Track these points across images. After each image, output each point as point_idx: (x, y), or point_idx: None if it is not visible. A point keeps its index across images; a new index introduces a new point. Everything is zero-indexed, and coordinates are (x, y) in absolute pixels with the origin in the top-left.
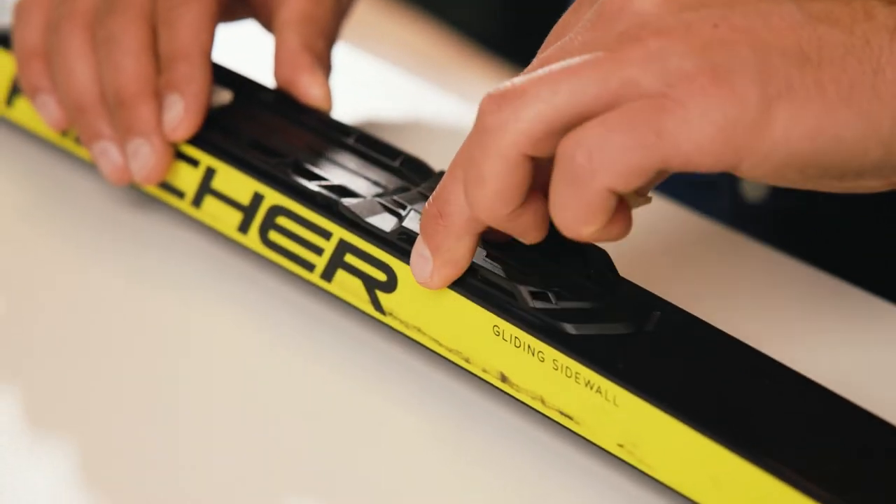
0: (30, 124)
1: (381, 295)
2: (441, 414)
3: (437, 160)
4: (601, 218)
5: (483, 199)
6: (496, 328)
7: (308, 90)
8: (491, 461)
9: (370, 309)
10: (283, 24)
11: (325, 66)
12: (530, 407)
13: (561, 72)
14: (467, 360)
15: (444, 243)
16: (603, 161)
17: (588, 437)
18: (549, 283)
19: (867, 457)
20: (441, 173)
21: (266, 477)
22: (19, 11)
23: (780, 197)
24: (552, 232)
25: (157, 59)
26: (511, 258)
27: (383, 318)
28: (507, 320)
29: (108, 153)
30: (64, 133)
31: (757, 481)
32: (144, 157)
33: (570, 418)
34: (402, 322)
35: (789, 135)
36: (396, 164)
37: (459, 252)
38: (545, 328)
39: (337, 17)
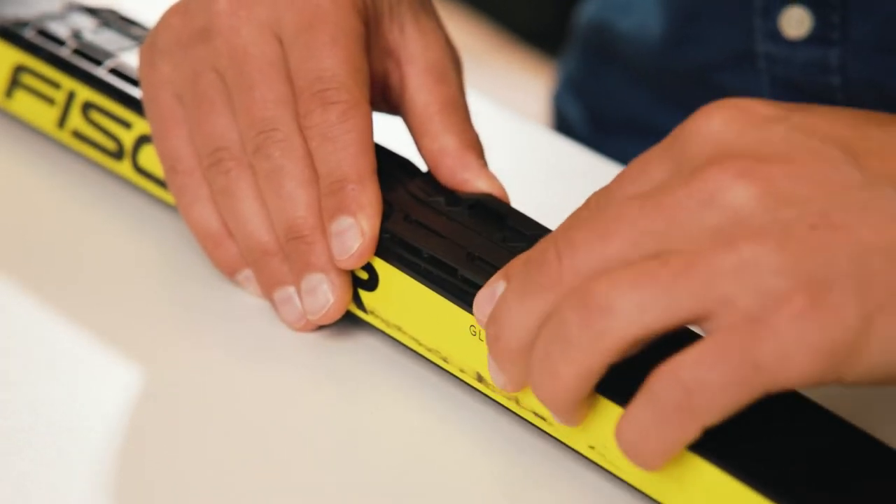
0: (29, 116)
1: (363, 293)
2: (424, 407)
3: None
4: (679, 450)
5: (550, 388)
6: (473, 328)
7: (479, 189)
8: (469, 455)
9: (353, 307)
10: (427, 120)
11: (483, 154)
12: (506, 407)
13: (651, 282)
14: (445, 360)
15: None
16: (701, 403)
17: (561, 439)
18: None
19: (835, 462)
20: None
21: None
22: (164, 151)
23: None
24: (532, 233)
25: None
26: (490, 258)
27: (365, 317)
28: None
29: (292, 300)
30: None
31: (719, 483)
32: (323, 295)
33: (544, 419)
34: (383, 320)
35: (890, 348)
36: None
37: None
38: None
39: (462, 83)
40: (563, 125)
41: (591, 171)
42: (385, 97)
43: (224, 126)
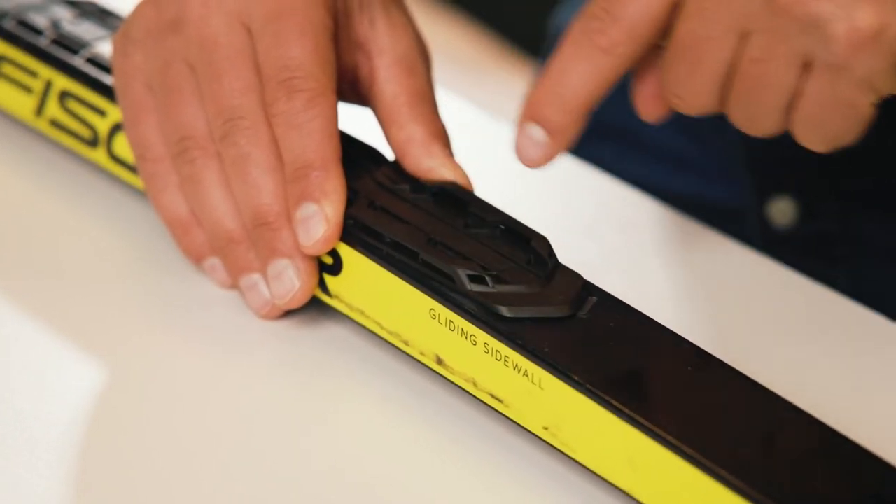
0: (8, 105)
1: (327, 278)
2: (386, 395)
3: None
4: None
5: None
6: (432, 311)
7: (444, 177)
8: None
9: (318, 291)
10: (395, 110)
11: (449, 144)
12: (464, 390)
13: None
14: (406, 343)
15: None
16: None
17: (516, 420)
18: (488, 267)
19: (778, 443)
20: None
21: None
22: (134, 139)
23: (810, 223)
24: (494, 219)
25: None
26: (453, 244)
27: (330, 301)
28: (443, 304)
29: (258, 287)
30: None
31: (670, 463)
32: (289, 281)
33: (500, 401)
34: (347, 305)
35: None
36: None
37: None
38: (478, 312)
39: (431, 76)
40: None
41: (561, 172)
42: (355, 89)
43: (191, 115)
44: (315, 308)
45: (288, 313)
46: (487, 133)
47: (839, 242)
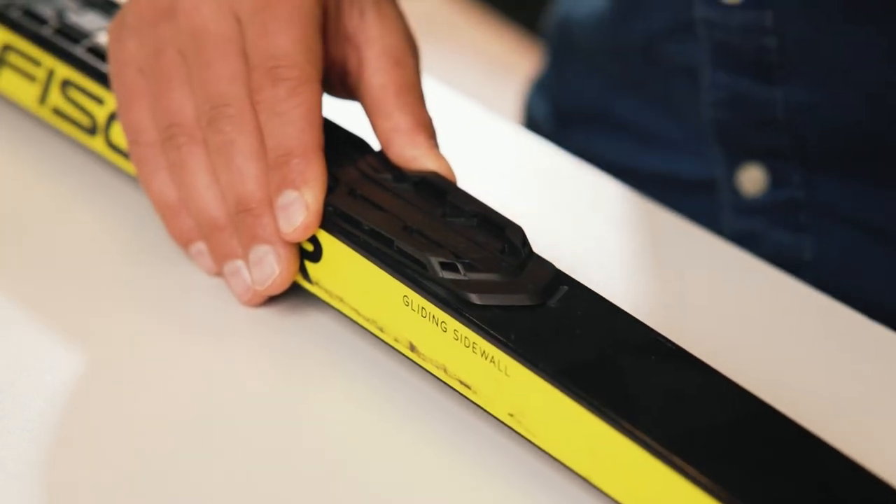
0: (14, 94)
1: (308, 264)
2: (361, 382)
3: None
4: None
5: None
6: (406, 298)
7: (426, 167)
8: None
9: (299, 277)
10: (382, 101)
11: (435, 135)
12: (435, 376)
13: None
14: (381, 330)
15: None
16: None
17: (484, 407)
18: (461, 255)
19: (738, 434)
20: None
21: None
22: (127, 124)
23: (779, 189)
24: (471, 209)
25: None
26: (429, 232)
27: (311, 287)
28: (415, 290)
29: (240, 273)
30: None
31: (628, 452)
32: (269, 267)
33: (469, 387)
34: (326, 291)
35: None
36: None
37: None
38: (449, 298)
39: (419, 69)
40: (531, 124)
41: (552, 162)
42: (343, 82)
43: (180, 102)
44: (298, 295)
45: (272, 300)
46: (484, 127)
47: (805, 210)
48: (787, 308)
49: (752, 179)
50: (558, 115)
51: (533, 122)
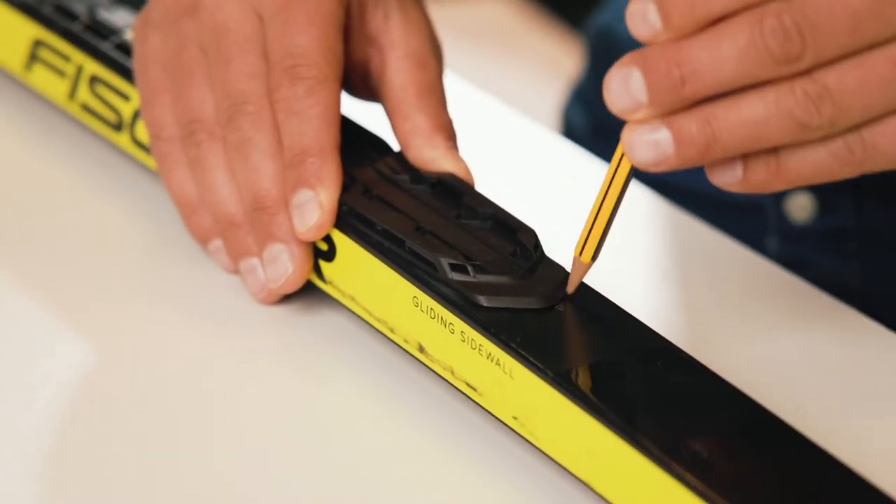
0: (44, 89)
1: (322, 263)
2: (371, 382)
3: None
4: None
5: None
6: (415, 299)
7: (444, 169)
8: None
9: (313, 276)
10: (402, 101)
11: (454, 137)
12: (443, 378)
13: None
14: (392, 330)
15: None
16: None
17: (489, 409)
18: (472, 257)
19: (741, 442)
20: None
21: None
22: (149, 119)
23: (828, 216)
24: (486, 211)
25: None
26: (442, 233)
27: (324, 287)
28: (424, 291)
29: (256, 271)
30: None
31: (627, 457)
32: (283, 265)
33: (475, 389)
34: (339, 290)
35: None
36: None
37: None
38: (457, 300)
39: (441, 72)
40: (569, 133)
41: (589, 171)
42: (366, 83)
43: (200, 98)
44: (313, 294)
45: (287, 299)
46: (505, 126)
47: (852, 237)
48: (839, 336)
49: (799, 206)
50: (597, 125)
51: (570, 132)
